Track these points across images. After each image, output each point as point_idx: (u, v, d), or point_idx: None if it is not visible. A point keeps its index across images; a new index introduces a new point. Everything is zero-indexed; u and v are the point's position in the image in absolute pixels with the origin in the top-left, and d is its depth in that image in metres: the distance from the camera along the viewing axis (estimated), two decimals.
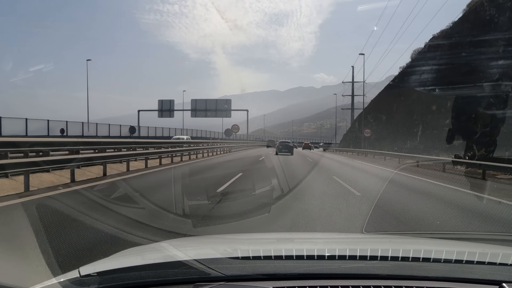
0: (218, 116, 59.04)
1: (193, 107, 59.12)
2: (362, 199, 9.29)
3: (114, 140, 21.67)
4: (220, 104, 59.22)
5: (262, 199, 8.84)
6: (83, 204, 7.66)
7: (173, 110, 58.62)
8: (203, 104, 58.72)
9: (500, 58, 21.99)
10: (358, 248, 2.19)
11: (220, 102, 60.10)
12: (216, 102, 59.42)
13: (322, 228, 6.26)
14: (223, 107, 58.82)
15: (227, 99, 60.94)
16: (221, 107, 58.78)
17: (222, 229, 5.83)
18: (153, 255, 2.18)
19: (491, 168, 16.35)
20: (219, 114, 58.67)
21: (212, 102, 59.37)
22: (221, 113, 58.62)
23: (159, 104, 59.55)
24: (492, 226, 6.75)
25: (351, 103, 66.89)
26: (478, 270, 1.80)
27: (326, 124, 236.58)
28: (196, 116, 58.12)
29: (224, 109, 58.67)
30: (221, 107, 58.75)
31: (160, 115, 58.68)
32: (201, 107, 58.40)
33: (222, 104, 59.30)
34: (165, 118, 58.00)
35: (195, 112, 58.39)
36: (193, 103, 59.52)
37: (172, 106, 59.29)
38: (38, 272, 3.12)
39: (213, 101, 59.47)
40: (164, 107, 58.86)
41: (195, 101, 59.54)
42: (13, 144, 10.82)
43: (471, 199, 10.15)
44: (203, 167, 18.11)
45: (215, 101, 59.95)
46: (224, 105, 59.15)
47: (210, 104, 58.86)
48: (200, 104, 58.73)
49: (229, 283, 1.63)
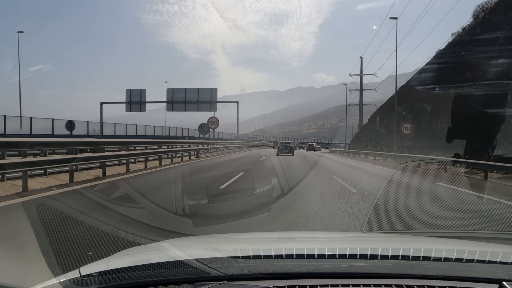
0: (201, 109, 46.99)
1: (169, 98, 47.54)
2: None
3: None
4: (204, 94, 47.67)
5: (262, 198, 8.83)
6: (83, 204, 7.65)
7: (145, 102, 47.63)
8: (181, 95, 47.51)
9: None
10: (359, 247, 2.20)
11: (203, 92, 47.94)
12: (198, 92, 47.69)
13: (322, 227, 6.26)
14: (206, 98, 47.27)
15: (213, 88, 49.09)
16: (204, 97, 47.36)
17: (222, 228, 5.82)
18: (153, 254, 2.19)
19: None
20: (202, 107, 46.92)
21: (192, 92, 47.73)
22: (204, 106, 46.92)
23: (127, 95, 47.53)
24: (492, 225, 6.76)
25: (359, 98, 58.47)
26: (478, 269, 1.80)
27: (326, 124, 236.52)
28: (174, 110, 47.36)
29: (208, 100, 47.16)
30: (204, 98, 47.29)
31: (129, 108, 47.44)
32: (179, 98, 47.36)
33: (206, 94, 47.72)
34: (135, 112, 47.95)
35: (171, 105, 47.48)
36: (169, 94, 47.65)
37: (144, 97, 47.76)
38: (38, 272, 3.13)
39: (193, 91, 47.77)
40: (134, 98, 47.49)
41: (171, 91, 47.79)
42: (13, 144, 10.80)
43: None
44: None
45: (197, 90, 47.84)
46: (208, 95, 47.62)
47: (190, 95, 47.54)
48: (178, 95, 47.57)
49: (229, 282, 1.63)
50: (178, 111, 49.17)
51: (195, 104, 47.27)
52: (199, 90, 48.09)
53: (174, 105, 47.54)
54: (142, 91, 48.26)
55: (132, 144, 19.42)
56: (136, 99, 47.48)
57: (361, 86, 57.81)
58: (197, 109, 47.27)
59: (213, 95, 47.80)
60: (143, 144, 20.01)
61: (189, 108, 47.42)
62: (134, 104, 47.40)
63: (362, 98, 58.26)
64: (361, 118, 58.48)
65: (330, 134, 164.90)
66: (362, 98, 58.28)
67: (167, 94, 47.77)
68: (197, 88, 48.27)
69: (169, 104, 47.93)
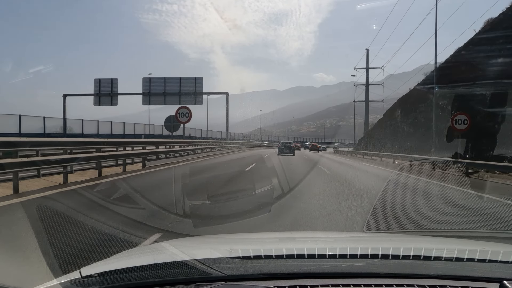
0: (184, 102, 38.76)
1: (146, 89, 40.71)
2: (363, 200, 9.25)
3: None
4: (187, 84, 40.63)
5: (263, 199, 8.83)
6: (82, 204, 7.63)
7: (116, 94, 40.54)
8: (159, 85, 40.78)
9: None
10: (359, 246, 2.20)
11: (186, 81, 40.82)
12: (180, 82, 40.67)
13: (323, 227, 6.26)
14: (190, 89, 40.24)
15: (198, 77, 41.04)
16: (187, 88, 40.38)
17: (223, 228, 5.82)
18: (154, 255, 2.19)
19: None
20: (185, 100, 39.57)
21: (173, 82, 40.83)
22: (188, 99, 39.97)
23: (95, 86, 40.37)
24: (493, 224, 6.75)
25: (365, 93, 53.52)
26: (479, 268, 1.80)
27: (326, 124, 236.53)
28: (151, 103, 41.39)
29: (192, 91, 40.14)
30: (188, 89, 40.30)
31: (98, 101, 40.70)
32: (157, 89, 40.69)
33: (189, 84, 40.59)
34: (105, 106, 41.32)
35: (148, 98, 40.91)
36: (145, 85, 40.89)
37: (115, 88, 40.40)
38: (39, 273, 3.13)
39: (174, 81, 40.87)
40: (103, 89, 40.36)
41: (148, 81, 40.93)
42: (12, 144, 10.78)
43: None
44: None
45: (178, 80, 40.83)
46: (192, 85, 40.51)
47: (171, 85, 40.67)
48: (156, 85, 40.80)
49: (230, 282, 1.63)
50: (156, 105, 43.46)
51: (176, 97, 40.51)
52: (181, 79, 41.02)
53: (152, 98, 40.98)
54: (113, 81, 40.72)
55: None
56: (106, 91, 40.33)
57: (367, 81, 53.00)
58: (179, 102, 39.62)
59: (198, 85, 40.67)
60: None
61: (169, 101, 40.88)
62: (103, 97, 40.57)
63: (368, 94, 53.36)
64: (367, 115, 54.01)
65: (330, 134, 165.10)
66: (368, 93, 53.36)
67: (143, 85, 41.00)
68: (179, 77, 41.12)
69: (145, 97, 41.21)
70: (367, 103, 53.38)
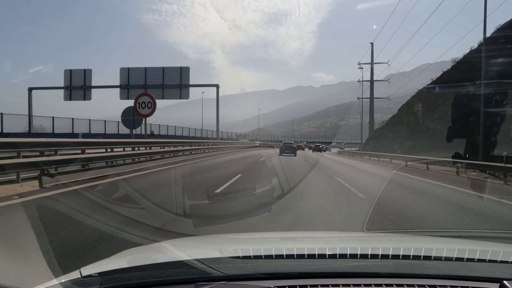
0: (168, 96, 36.06)
1: (123, 81, 35.65)
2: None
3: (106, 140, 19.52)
4: (171, 76, 35.81)
5: (263, 199, 8.83)
6: (82, 204, 7.63)
7: (90, 87, 35.65)
8: (140, 77, 35.82)
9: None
10: (359, 246, 2.20)
11: (171, 72, 35.91)
12: (163, 73, 35.65)
13: (323, 227, 6.26)
14: (174, 80, 35.53)
15: (183, 67, 36.23)
16: (171, 79, 35.62)
17: (223, 228, 5.82)
18: (154, 255, 2.19)
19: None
20: (169, 94, 35.91)
21: (155, 72, 35.86)
22: (172, 92, 35.90)
23: (66, 78, 35.32)
24: (493, 224, 6.75)
25: (370, 90, 50.00)
26: (479, 268, 1.80)
27: (326, 123, 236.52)
28: (130, 98, 34.61)
29: (177, 83, 35.53)
30: (172, 80, 35.55)
31: (68, 96, 35.72)
32: (136, 81, 35.62)
33: (174, 76, 35.78)
34: (77, 101, 36.31)
35: (126, 91, 35.64)
36: (123, 76, 35.83)
37: (88, 80, 35.57)
38: (39, 273, 3.12)
39: (157, 71, 35.90)
40: (75, 82, 35.40)
41: (126, 72, 35.80)
42: (13, 144, 10.78)
43: None
44: None
45: (161, 70, 35.74)
46: (177, 76, 35.79)
47: (152, 76, 35.83)
48: (136, 77, 35.81)
49: (230, 282, 1.63)
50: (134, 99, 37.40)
51: (159, 89, 35.44)
52: (165, 69, 35.97)
53: (131, 91, 35.24)
54: (86, 72, 35.60)
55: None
56: (79, 83, 35.42)
57: (372, 76, 49.29)
58: (162, 96, 35.65)
59: (184, 77, 35.78)
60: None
61: (151, 94, 34.21)
62: (75, 90, 35.63)
63: (373, 90, 49.66)
64: (372, 113, 50.51)
65: (330, 133, 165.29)
66: (373, 89, 49.66)
67: (121, 77, 35.87)
68: (162, 67, 36.13)
69: (123, 90, 35.96)
70: (372, 100, 49.84)
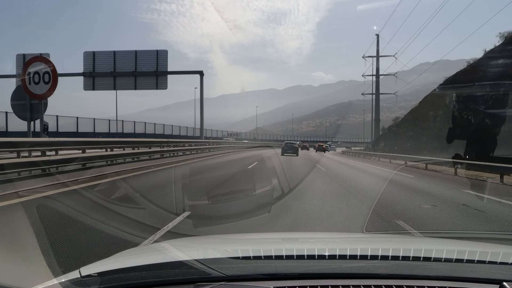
0: (142, 86, 31.01)
1: (87, 68, 30.28)
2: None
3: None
4: (146, 61, 30.31)
5: (263, 199, 8.83)
6: (82, 204, 7.63)
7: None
8: (107, 63, 30.30)
9: None
10: (359, 247, 2.19)
11: (145, 56, 30.43)
12: (136, 57, 30.24)
13: (323, 227, 6.26)
14: (150, 67, 30.14)
15: (161, 50, 30.67)
16: (146, 66, 30.23)
17: (223, 229, 5.82)
18: (153, 255, 2.19)
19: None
20: (143, 83, 30.73)
21: (126, 57, 30.43)
22: (147, 81, 30.66)
23: (18, 64, 28.25)
24: (492, 225, 6.75)
25: (375, 85, 46.57)
26: (479, 269, 1.80)
27: (325, 122, 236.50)
28: (95, 88, 30.62)
29: (152, 72, 30.13)
30: (147, 67, 30.21)
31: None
32: (103, 67, 30.27)
33: (149, 61, 30.23)
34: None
35: (91, 80, 30.46)
36: (87, 61, 30.42)
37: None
38: (38, 273, 3.12)
39: (128, 56, 30.50)
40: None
41: (91, 57, 30.44)
42: (13, 144, 10.79)
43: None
44: None
45: (134, 54, 30.41)
46: (152, 62, 30.21)
47: (123, 62, 30.25)
48: (103, 63, 30.34)
49: (230, 283, 1.63)
50: (103, 90, 31.66)
51: (130, 78, 30.46)
52: (138, 53, 30.46)
53: (97, 81, 30.63)
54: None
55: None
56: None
57: (377, 70, 45.74)
58: (135, 85, 30.70)
59: (161, 62, 30.37)
60: None
61: (121, 84, 30.97)
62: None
63: (378, 85, 46.23)
64: (377, 110, 46.92)
65: (330, 133, 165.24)
66: (379, 85, 46.26)
67: (85, 62, 30.40)
68: (134, 51, 30.67)
69: (87, 79, 30.62)
70: (377, 96, 46.20)
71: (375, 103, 46.85)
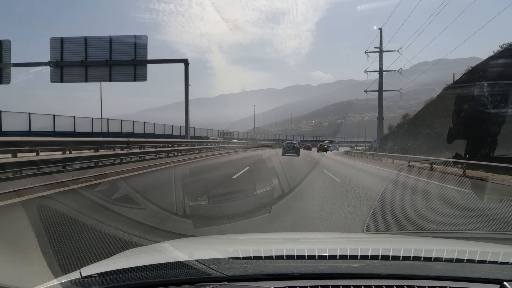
0: (117, 77, 27.55)
1: (55, 57, 26.74)
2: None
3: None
4: (122, 49, 26.84)
5: (263, 199, 8.81)
6: (82, 204, 7.62)
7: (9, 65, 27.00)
8: (78, 50, 26.75)
9: None
10: (359, 247, 2.20)
11: (122, 43, 26.89)
12: (110, 45, 26.73)
13: (323, 227, 6.25)
14: (127, 55, 26.72)
15: (139, 36, 27.26)
16: (122, 55, 26.81)
17: (223, 229, 5.81)
18: (154, 255, 2.19)
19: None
20: (119, 75, 27.35)
21: (100, 44, 26.98)
22: (123, 73, 27.27)
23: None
24: (493, 225, 6.75)
25: (378, 81, 44.43)
26: (479, 269, 1.81)
27: (324, 122, 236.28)
28: (64, 80, 27.19)
29: (129, 60, 26.78)
30: (123, 56, 26.76)
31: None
32: (73, 56, 26.83)
33: (126, 49, 26.78)
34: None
35: (59, 71, 26.90)
36: (54, 49, 26.83)
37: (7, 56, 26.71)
38: (39, 273, 3.12)
39: (102, 42, 26.97)
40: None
41: (58, 43, 26.77)
42: (13, 143, 10.75)
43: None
44: None
45: (108, 41, 26.82)
46: (130, 49, 26.81)
47: (96, 50, 26.89)
48: (73, 51, 26.81)
49: (230, 283, 1.63)
50: (73, 82, 28.41)
51: (104, 68, 27.04)
52: (113, 40, 26.75)
53: (65, 71, 27.06)
54: (3, 44, 26.46)
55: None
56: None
57: (380, 64, 43.02)
58: (109, 77, 27.26)
59: (140, 50, 26.97)
60: None
61: (93, 75, 27.37)
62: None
63: (382, 81, 43.67)
64: (381, 107, 44.55)
65: (329, 132, 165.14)
66: (382, 80, 43.67)
67: (51, 50, 26.76)
68: (109, 36, 26.85)
69: (55, 70, 26.96)
70: (381, 92, 43.77)
71: (379, 100, 44.55)
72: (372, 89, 45.99)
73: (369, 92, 46.76)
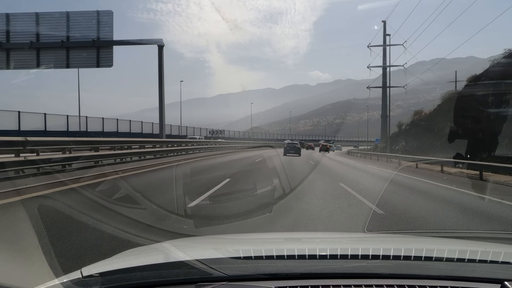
0: (76, 63, 23.63)
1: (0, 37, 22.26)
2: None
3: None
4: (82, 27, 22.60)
5: (264, 199, 8.81)
6: (82, 204, 7.61)
7: None
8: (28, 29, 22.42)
9: None
10: (360, 247, 2.20)
11: (81, 20, 22.71)
12: (68, 22, 22.39)
13: (324, 227, 6.25)
14: (88, 35, 22.45)
15: (103, 11, 22.76)
16: (82, 34, 22.50)
17: (224, 229, 5.81)
18: (155, 255, 2.19)
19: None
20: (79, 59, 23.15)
21: (54, 21, 22.56)
22: (84, 57, 22.96)
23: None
24: (494, 225, 6.75)
25: (382, 76, 41.85)
26: (480, 269, 1.81)
27: (322, 121, 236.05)
28: (10, 67, 22.92)
29: (90, 41, 22.52)
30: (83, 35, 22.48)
31: None
32: (21, 37, 22.49)
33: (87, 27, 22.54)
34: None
35: (4, 55, 22.48)
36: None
37: None
38: (40, 273, 3.12)
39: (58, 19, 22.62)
40: None
41: (3, 20, 22.26)
42: (12, 143, 10.75)
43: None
44: None
45: (65, 17, 22.46)
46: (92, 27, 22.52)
47: (50, 28, 22.41)
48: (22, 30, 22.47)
49: (231, 283, 1.63)
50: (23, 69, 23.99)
51: (60, 51, 22.61)
52: (70, 15, 22.50)
53: (12, 55, 22.71)
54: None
55: None
56: None
57: (384, 59, 40.67)
58: (67, 62, 22.93)
59: (104, 29, 22.62)
60: None
61: (48, 60, 22.63)
62: None
63: (385, 77, 40.95)
64: (385, 104, 41.48)
65: (328, 131, 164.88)
66: (386, 76, 40.93)
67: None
68: (66, 12, 22.56)
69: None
70: (384, 89, 41.38)
71: (383, 96, 41.72)
72: (375, 84, 43.74)
73: (369, 91, 44.71)
